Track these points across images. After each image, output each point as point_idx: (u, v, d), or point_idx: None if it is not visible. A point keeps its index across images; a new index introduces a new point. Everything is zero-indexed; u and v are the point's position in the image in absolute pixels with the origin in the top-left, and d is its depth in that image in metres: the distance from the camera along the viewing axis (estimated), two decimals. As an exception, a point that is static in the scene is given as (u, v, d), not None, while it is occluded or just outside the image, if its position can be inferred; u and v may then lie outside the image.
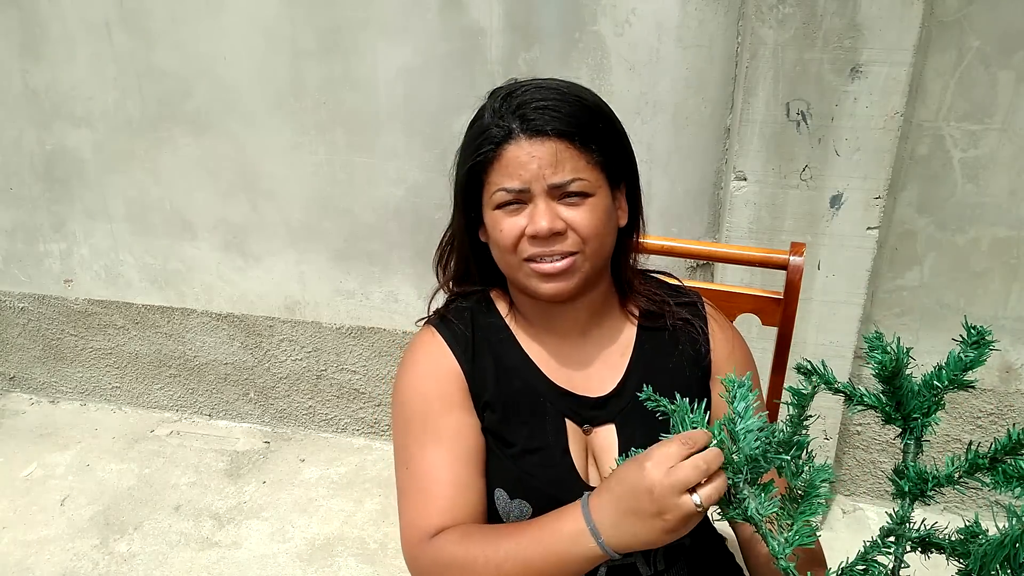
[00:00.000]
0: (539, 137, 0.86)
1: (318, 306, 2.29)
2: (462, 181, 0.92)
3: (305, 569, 1.95)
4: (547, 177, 0.86)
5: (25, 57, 2.16)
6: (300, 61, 1.99)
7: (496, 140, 0.87)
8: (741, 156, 1.71)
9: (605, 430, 0.96)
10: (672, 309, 1.00)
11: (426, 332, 1.00)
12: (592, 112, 0.90)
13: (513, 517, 0.93)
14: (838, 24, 1.55)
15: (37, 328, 2.55)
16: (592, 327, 0.99)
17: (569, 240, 0.88)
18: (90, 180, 2.28)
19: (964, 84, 1.67)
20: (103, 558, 1.99)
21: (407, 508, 0.93)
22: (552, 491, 0.92)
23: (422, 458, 0.93)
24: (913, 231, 1.81)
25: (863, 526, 2.03)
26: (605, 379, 0.98)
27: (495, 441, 0.95)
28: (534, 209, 0.87)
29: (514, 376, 0.97)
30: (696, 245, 1.27)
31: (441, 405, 0.95)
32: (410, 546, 0.91)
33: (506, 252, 0.90)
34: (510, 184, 0.87)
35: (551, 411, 0.95)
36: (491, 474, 0.95)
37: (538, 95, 0.88)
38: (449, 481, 0.91)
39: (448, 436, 0.93)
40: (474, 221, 0.94)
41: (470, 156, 0.90)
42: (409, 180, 2.06)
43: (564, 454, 0.93)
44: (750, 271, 1.73)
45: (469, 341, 0.97)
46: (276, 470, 2.30)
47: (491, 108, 0.90)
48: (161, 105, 2.13)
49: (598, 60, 1.82)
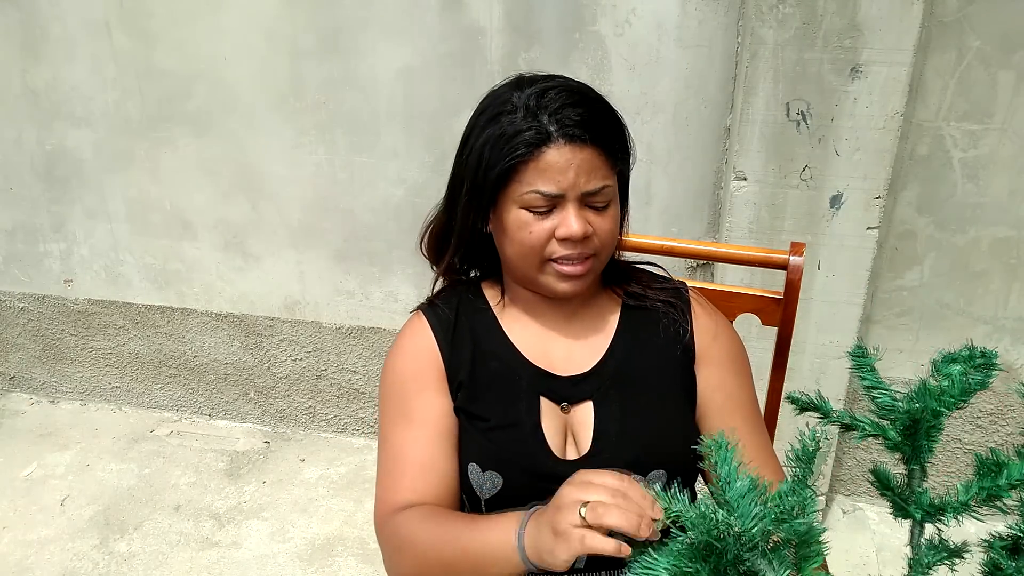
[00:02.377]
0: (577, 143, 0.88)
1: (318, 306, 2.29)
2: (493, 178, 0.90)
3: (305, 569, 1.95)
4: (582, 185, 0.89)
5: (25, 57, 2.16)
6: (300, 61, 1.99)
7: (533, 141, 0.88)
8: (741, 156, 1.71)
9: (583, 407, 0.98)
10: (655, 291, 1.03)
11: (414, 317, 1.05)
12: (618, 122, 0.94)
13: (486, 489, 0.95)
14: (838, 24, 1.55)
15: (37, 328, 2.55)
16: (579, 311, 1.03)
17: (591, 244, 0.92)
18: (90, 180, 2.28)
19: (964, 84, 1.67)
20: (103, 558, 1.99)
21: (380, 483, 0.99)
22: (522, 463, 0.95)
23: (395, 436, 0.98)
24: (913, 231, 1.81)
25: (863, 526, 2.03)
26: (586, 358, 1.00)
27: (468, 419, 0.98)
28: (565, 213, 0.90)
29: (491, 358, 1.00)
30: (696, 245, 1.27)
31: (416, 385, 0.99)
32: (379, 516, 0.97)
33: (530, 252, 0.92)
34: (547, 189, 0.89)
35: (525, 390, 0.98)
36: (464, 449, 0.98)
37: (572, 99, 0.90)
38: (417, 460, 0.96)
39: (419, 416, 0.98)
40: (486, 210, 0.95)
41: (503, 153, 0.89)
42: (409, 180, 2.06)
43: (535, 429, 0.96)
44: (750, 271, 1.73)
45: (451, 324, 1.01)
46: (276, 470, 2.30)
47: (523, 105, 0.90)
48: (161, 105, 2.13)
49: (598, 60, 1.82)
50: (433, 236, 1.03)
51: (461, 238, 0.98)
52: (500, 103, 0.92)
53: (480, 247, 1.01)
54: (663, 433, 0.97)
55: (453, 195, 0.98)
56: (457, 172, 0.97)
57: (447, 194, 1.00)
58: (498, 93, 0.94)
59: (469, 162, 0.93)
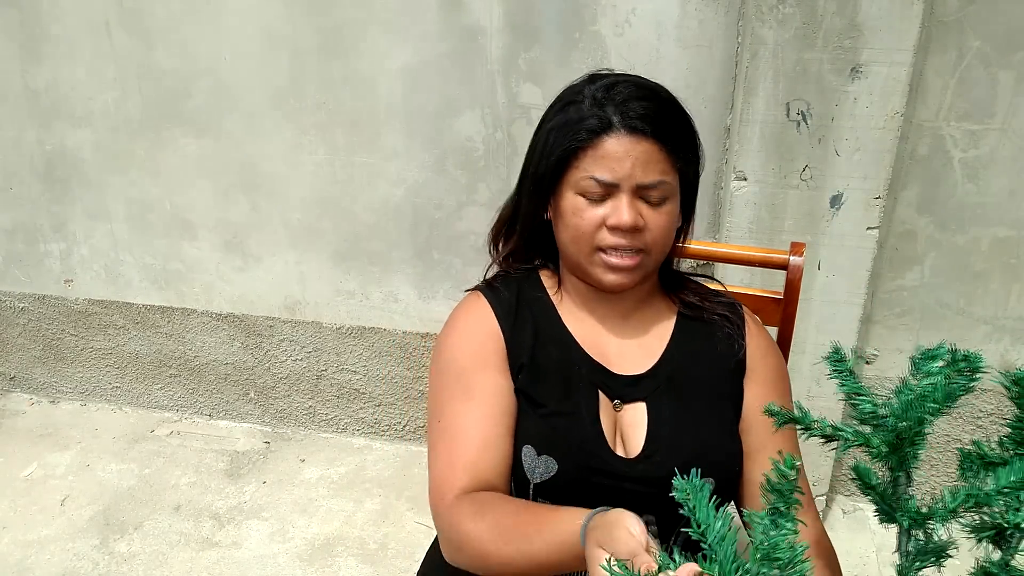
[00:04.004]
0: (638, 135, 0.89)
1: (318, 306, 2.29)
2: (552, 163, 0.93)
3: (305, 569, 1.95)
4: (637, 177, 0.90)
5: (25, 57, 2.16)
6: (300, 61, 1.99)
7: (595, 129, 0.90)
8: (741, 156, 1.71)
9: (635, 407, 0.98)
10: (712, 304, 1.04)
11: (471, 296, 1.04)
12: (685, 119, 0.95)
13: (538, 474, 0.94)
14: (838, 24, 1.55)
15: (37, 328, 2.55)
16: (634, 312, 1.03)
17: (643, 237, 0.93)
18: (90, 180, 2.28)
19: (964, 84, 1.67)
20: (103, 558, 1.99)
21: (435, 461, 0.96)
22: (577, 451, 0.94)
23: (454, 412, 0.96)
24: (913, 231, 1.81)
25: (863, 526, 2.03)
26: (641, 360, 1.00)
27: (527, 402, 0.97)
28: (618, 202, 0.91)
29: (552, 345, 1.00)
30: (696, 245, 1.27)
31: (476, 363, 0.97)
32: (436, 499, 0.94)
33: (581, 238, 0.93)
34: (602, 176, 0.90)
35: (585, 380, 0.98)
36: (520, 432, 0.96)
37: (639, 93, 0.91)
38: (476, 437, 0.94)
39: (480, 393, 0.96)
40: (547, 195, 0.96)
41: (565, 139, 0.92)
42: (409, 180, 2.06)
43: (595, 421, 0.96)
44: (750, 271, 1.73)
45: (513, 307, 1.01)
46: (276, 470, 2.30)
47: (591, 96, 0.92)
48: (161, 105, 2.13)
49: (598, 60, 1.82)
50: (501, 221, 1.06)
51: (525, 224, 1.01)
52: (572, 93, 0.95)
53: (541, 235, 1.03)
54: (712, 443, 0.97)
55: (521, 181, 1.00)
56: (527, 159, 0.99)
57: (518, 180, 1.02)
58: (573, 85, 0.97)
59: (536, 148, 0.96)
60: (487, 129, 1.93)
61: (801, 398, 1.89)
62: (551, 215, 0.98)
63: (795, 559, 0.55)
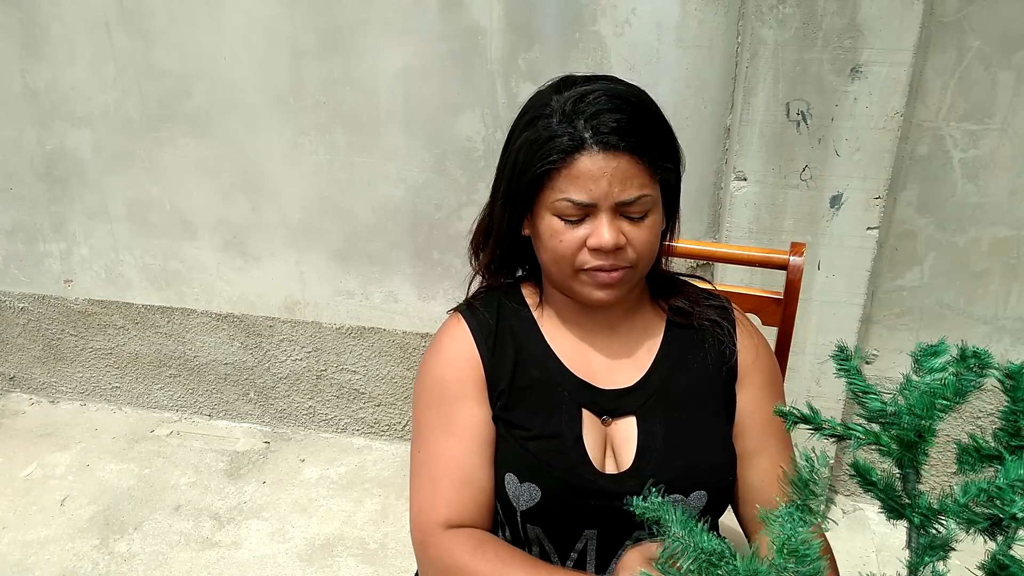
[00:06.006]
0: (612, 151, 0.85)
1: (318, 306, 2.29)
2: (525, 184, 0.89)
3: (305, 569, 1.95)
4: (615, 195, 0.85)
5: (25, 57, 2.16)
6: (300, 61, 1.99)
7: (566, 149, 0.85)
8: (741, 156, 1.71)
9: (625, 422, 0.96)
10: (701, 308, 1.01)
11: (453, 319, 1.02)
12: (661, 124, 0.90)
13: (523, 501, 0.93)
14: (838, 24, 1.55)
15: (37, 328, 2.55)
16: (622, 323, 1.00)
17: (626, 254, 0.89)
18: (90, 180, 2.28)
19: (964, 84, 1.67)
20: (103, 558, 1.99)
21: (416, 492, 0.97)
22: (562, 476, 0.93)
23: (434, 445, 0.96)
24: (913, 231, 1.81)
25: (863, 526, 2.03)
26: (629, 372, 0.98)
27: (507, 428, 0.96)
28: (598, 223, 0.87)
29: (533, 366, 0.98)
30: (696, 245, 1.27)
31: (456, 393, 0.97)
32: (419, 531, 0.95)
33: (562, 260, 0.90)
34: (578, 197, 0.86)
35: (567, 401, 0.96)
36: (501, 458, 0.96)
37: (610, 104, 0.86)
38: (456, 473, 0.94)
39: (459, 427, 0.95)
40: (521, 214, 0.93)
41: (536, 160, 0.87)
42: (409, 180, 2.06)
43: (576, 442, 0.94)
44: (750, 271, 1.73)
45: (492, 329, 0.99)
46: (276, 470, 2.30)
47: (559, 110, 0.87)
48: (161, 105, 2.13)
49: (598, 60, 1.82)
50: (479, 232, 1.02)
51: (498, 239, 0.97)
52: (540, 105, 0.90)
53: (520, 249, 1.00)
54: (705, 454, 0.96)
55: (493, 195, 0.97)
56: (498, 172, 0.96)
57: (491, 193, 0.98)
58: (541, 94, 0.92)
59: (507, 164, 0.93)
60: (487, 129, 1.93)
61: (801, 398, 1.89)
62: (528, 231, 0.95)
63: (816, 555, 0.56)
